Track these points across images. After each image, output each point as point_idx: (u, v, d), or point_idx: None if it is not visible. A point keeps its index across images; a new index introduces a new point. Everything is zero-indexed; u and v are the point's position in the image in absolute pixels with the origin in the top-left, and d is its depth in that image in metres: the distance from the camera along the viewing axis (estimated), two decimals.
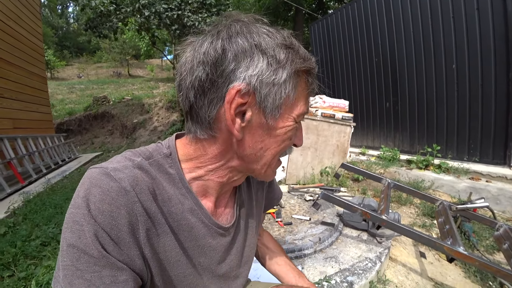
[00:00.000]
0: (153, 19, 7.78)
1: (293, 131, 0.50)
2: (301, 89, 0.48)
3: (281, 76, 0.44)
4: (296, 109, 0.49)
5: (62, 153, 6.31)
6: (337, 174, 2.51)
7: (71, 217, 0.39)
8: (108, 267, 0.39)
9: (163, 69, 23.52)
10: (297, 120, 0.49)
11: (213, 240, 0.55)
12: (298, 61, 0.45)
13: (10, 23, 4.86)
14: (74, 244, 0.38)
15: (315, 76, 0.49)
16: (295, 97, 0.47)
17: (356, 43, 5.47)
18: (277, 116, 0.46)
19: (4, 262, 1.85)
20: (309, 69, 0.48)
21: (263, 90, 0.43)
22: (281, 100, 0.45)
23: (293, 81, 0.46)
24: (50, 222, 2.58)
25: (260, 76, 0.43)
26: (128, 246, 0.41)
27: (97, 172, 0.41)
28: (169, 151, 0.51)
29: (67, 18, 38.01)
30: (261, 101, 0.44)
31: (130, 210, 0.41)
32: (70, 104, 13.41)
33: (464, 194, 2.95)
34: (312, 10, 13.81)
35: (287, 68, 0.44)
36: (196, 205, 0.52)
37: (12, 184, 3.90)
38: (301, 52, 0.47)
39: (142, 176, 0.45)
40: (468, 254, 1.33)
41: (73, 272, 0.38)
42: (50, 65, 19.70)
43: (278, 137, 0.49)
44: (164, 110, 10.89)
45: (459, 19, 3.64)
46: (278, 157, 0.53)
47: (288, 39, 0.46)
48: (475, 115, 3.62)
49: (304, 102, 0.49)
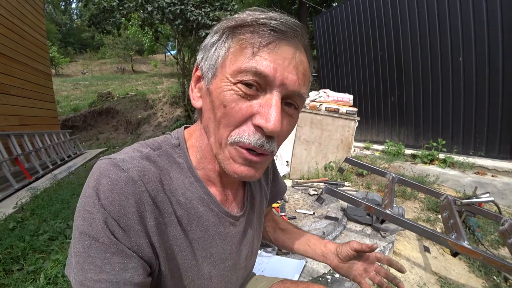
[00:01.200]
0: (156, 14, 7.74)
1: (228, 96, 0.42)
2: (235, 45, 0.43)
3: (213, 38, 0.46)
4: (230, 67, 0.42)
5: (68, 149, 6.38)
6: (341, 169, 2.51)
7: (82, 206, 0.40)
8: (118, 255, 0.40)
9: (167, 65, 23.49)
10: (234, 80, 0.42)
11: (224, 229, 0.56)
12: (230, 21, 0.44)
13: (14, 20, 4.87)
14: (86, 231, 0.39)
15: (261, 30, 0.41)
16: (227, 54, 0.43)
17: (361, 36, 5.40)
18: (212, 80, 0.46)
19: (13, 256, 1.89)
20: (240, 24, 0.43)
21: (203, 58, 0.48)
22: (213, 61, 0.45)
23: (223, 40, 0.44)
24: (57, 217, 2.63)
25: (203, 49, 0.48)
26: (137, 234, 0.42)
27: (106, 163, 0.43)
28: (177, 141, 0.53)
29: (70, 14, 38.04)
30: (203, 69, 0.48)
31: (138, 199, 0.42)
32: (75, 101, 13.51)
33: (469, 189, 2.92)
34: (316, 3, 13.61)
35: (219, 30, 0.46)
36: (205, 194, 0.52)
37: (20, 180, 3.96)
38: (245, 14, 0.44)
39: (149, 166, 0.46)
40: (472, 249, 1.33)
41: (84, 258, 0.39)
42: (54, 61, 19.80)
43: (214, 103, 0.44)
44: (168, 105, 10.92)
45: (466, 10, 3.56)
46: (225, 134, 0.44)
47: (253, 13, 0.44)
48: (481, 109, 3.56)
49: (239, 58, 0.42)
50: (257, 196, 0.67)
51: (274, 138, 0.45)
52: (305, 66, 0.45)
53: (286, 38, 0.42)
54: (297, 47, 0.43)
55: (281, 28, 0.41)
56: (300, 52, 0.44)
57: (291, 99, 0.45)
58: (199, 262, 0.52)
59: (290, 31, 0.42)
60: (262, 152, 0.45)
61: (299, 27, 0.44)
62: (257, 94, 0.42)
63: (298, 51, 0.43)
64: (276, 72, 0.41)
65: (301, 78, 0.44)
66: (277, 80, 0.41)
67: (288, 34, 0.42)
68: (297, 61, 0.43)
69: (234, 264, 0.60)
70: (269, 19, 0.41)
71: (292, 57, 0.42)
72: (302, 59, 0.44)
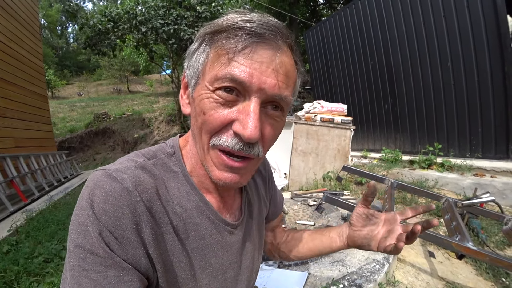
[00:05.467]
0: (150, 34, 7.94)
1: (208, 103, 0.42)
2: (213, 52, 0.42)
3: (194, 45, 0.46)
4: (208, 74, 0.42)
5: (64, 170, 6.32)
6: (339, 177, 2.50)
7: (76, 218, 0.40)
8: (114, 267, 0.39)
9: (162, 84, 23.74)
10: (212, 88, 0.42)
11: (222, 238, 0.54)
12: (209, 27, 0.44)
13: (11, 44, 4.96)
14: (80, 244, 0.38)
15: (236, 35, 0.40)
16: (206, 61, 0.43)
17: (351, 47, 5.54)
18: (195, 87, 0.46)
19: (6, 280, 1.82)
20: (217, 29, 0.42)
21: (188, 66, 0.48)
22: (194, 69, 0.45)
23: (203, 47, 0.44)
24: (52, 238, 2.56)
25: (187, 56, 0.48)
26: (133, 245, 0.41)
27: (100, 174, 0.42)
28: (172, 150, 0.53)
29: (66, 38, 38.78)
30: (188, 75, 0.48)
31: (133, 209, 0.41)
32: (71, 122, 13.52)
33: (469, 191, 2.91)
34: (306, 18, 14.06)
35: (199, 37, 0.45)
36: (202, 202, 0.51)
37: (15, 203, 3.88)
38: (223, 18, 0.43)
39: (144, 176, 0.45)
40: (478, 250, 1.30)
41: (79, 272, 0.38)
42: (51, 84, 19.93)
43: (196, 110, 0.45)
44: (164, 123, 10.96)
45: (450, 17, 3.70)
46: (206, 140, 0.45)
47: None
48: (474, 111, 3.62)
49: (216, 65, 0.41)
50: (255, 203, 0.65)
51: (257, 143, 0.44)
52: (287, 67, 0.43)
53: (263, 40, 0.40)
54: (277, 48, 0.41)
55: (257, 30, 0.40)
56: (282, 53, 0.42)
57: (274, 102, 0.44)
58: (197, 273, 0.50)
59: (267, 32, 0.40)
60: (246, 156, 0.44)
61: (278, 26, 0.42)
62: (237, 100, 0.42)
63: (280, 52, 0.41)
64: (253, 78, 0.40)
65: (282, 80, 0.42)
66: (254, 86, 0.40)
67: (265, 36, 0.40)
68: (277, 63, 0.41)
69: (235, 275, 0.57)
70: (245, 22, 0.40)
71: (270, 60, 0.41)
72: (283, 60, 0.42)
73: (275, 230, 0.83)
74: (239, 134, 0.41)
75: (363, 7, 5.07)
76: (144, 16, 7.66)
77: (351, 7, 5.35)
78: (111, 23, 7.73)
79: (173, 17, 7.71)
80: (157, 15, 7.74)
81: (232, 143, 0.43)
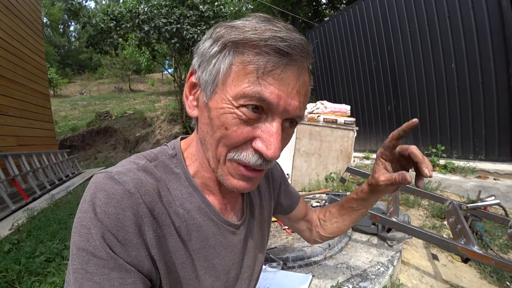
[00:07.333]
0: (153, 33, 7.92)
1: (230, 119, 0.41)
2: (238, 64, 0.40)
3: (213, 48, 0.43)
4: (232, 88, 0.41)
5: (66, 169, 6.33)
6: (342, 179, 2.49)
7: (78, 221, 0.40)
8: (117, 270, 0.39)
9: (164, 83, 23.76)
10: (237, 104, 0.41)
11: (224, 239, 0.54)
12: (234, 33, 0.41)
13: (14, 42, 4.97)
14: (83, 247, 0.38)
15: (267, 52, 0.39)
16: (229, 72, 0.41)
17: (354, 48, 5.52)
18: (212, 95, 0.44)
19: (8, 279, 1.81)
20: (244, 40, 0.40)
21: (201, 67, 0.45)
22: (212, 76, 0.43)
23: (225, 54, 0.41)
24: (54, 238, 2.56)
25: (201, 55, 0.45)
26: (135, 247, 0.41)
27: (102, 177, 0.42)
28: (174, 152, 0.53)
29: (68, 36, 38.92)
30: (200, 78, 0.45)
31: (135, 211, 0.41)
32: (73, 120, 13.56)
33: (472, 193, 2.90)
34: (308, 18, 14.04)
35: (220, 40, 0.42)
36: (204, 203, 0.51)
37: (17, 201, 3.88)
38: (250, 25, 0.41)
39: (146, 178, 0.45)
40: (483, 253, 1.29)
41: (82, 275, 0.38)
42: (53, 83, 20.01)
43: (213, 121, 0.43)
44: (166, 123, 10.97)
45: (454, 18, 3.68)
46: (224, 152, 0.44)
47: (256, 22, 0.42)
48: (477, 113, 3.60)
49: (243, 81, 0.40)
50: (256, 203, 0.66)
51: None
52: (306, 86, 0.44)
53: (293, 62, 0.40)
54: (302, 68, 0.42)
55: (289, 51, 0.39)
56: (304, 73, 0.43)
57: (292, 120, 0.45)
58: (200, 274, 0.50)
59: (297, 54, 0.40)
60: (259, 169, 0.46)
61: (306, 47, 0.42)
62: (259, 118, 0.42)
63: (303, 73, 0.42)
64: (280, 100, 0.40)
65: (302, 101, 0.43)
66: (280, 107, 0.41)
67: (294, 56, 0.40)
68: (300, 84, 0.42)
69: (237, 274, 0.58)
70: (276, 40, 0.39)
71: (296, 82, 0.41)
72: (305, 80, 0.43)
73: (307, 217, 0.83)
74: (260, 153, 0.43)
75: (366, 8, 5.05)
76: (146, 15, 7.65)
77: (354, 7, 5.33)
78: (114, 21, 7.73)
79: (176, 16, 7.70)
80: (160, 14, 7.73)
81: (253, 160, 0.44)
